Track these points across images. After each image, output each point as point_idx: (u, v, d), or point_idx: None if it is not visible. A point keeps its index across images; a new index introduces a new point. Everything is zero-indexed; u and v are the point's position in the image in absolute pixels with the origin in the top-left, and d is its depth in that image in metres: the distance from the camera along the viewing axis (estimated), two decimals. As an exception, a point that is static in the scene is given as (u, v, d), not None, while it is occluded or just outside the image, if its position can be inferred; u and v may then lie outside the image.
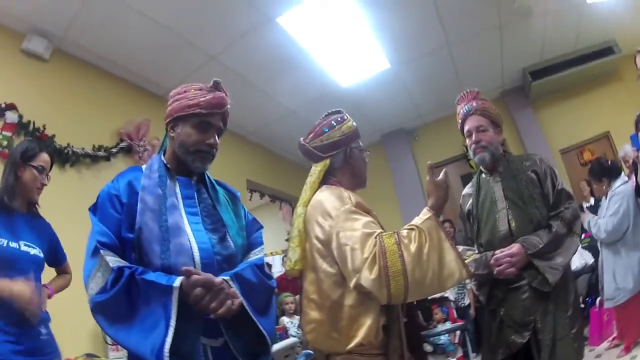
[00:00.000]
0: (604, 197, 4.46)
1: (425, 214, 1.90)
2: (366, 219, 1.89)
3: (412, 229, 1.83)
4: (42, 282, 2.74)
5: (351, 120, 2.33)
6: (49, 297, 2.75)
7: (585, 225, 4.22)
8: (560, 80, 7.25)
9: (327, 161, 2.22)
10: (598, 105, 7.47)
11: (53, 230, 2.82)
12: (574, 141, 7.77)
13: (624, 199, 4.06)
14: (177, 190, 1.81)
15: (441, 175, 2.01)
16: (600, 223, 4.11)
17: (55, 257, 2.84)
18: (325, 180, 2.22)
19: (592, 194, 6.21)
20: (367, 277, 1.72)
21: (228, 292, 1.58)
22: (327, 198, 2.02)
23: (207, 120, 1.82)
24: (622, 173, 4.38)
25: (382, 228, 1.94)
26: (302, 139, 2.31)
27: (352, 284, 1.79)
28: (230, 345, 1.64)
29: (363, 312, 1.83)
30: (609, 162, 4.57)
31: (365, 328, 1.81)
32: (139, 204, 1.68)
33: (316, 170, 2.22)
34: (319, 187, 2.18)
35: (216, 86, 1.89)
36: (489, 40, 6.27)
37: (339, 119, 2.30)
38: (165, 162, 1.85)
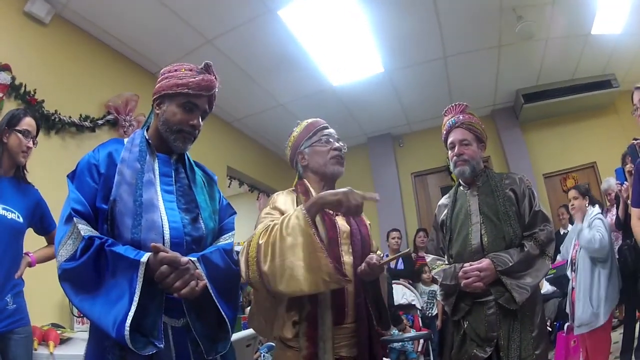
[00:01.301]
0: (576, 222, 4.49)
1: (296, 209, 1.84)
2: (270, 218, 1.95)
3: (273, 221, 1.85)
4: (26, 250, 2.76)
5: (299, 126, 2.37)
6: (30, 265, 2.76)
7: (582, 240, 4.18)
8: (553, 106, 7.29)
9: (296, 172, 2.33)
10: (588, 135, 7.54)
11: (41, 197, 2.84)
12: (559, 167, 7.83)
13: (605, 226, 4.09)
14: (156, 166, 1.81)
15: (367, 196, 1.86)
16: (595, 233, 4.10)
17: (42, 224, 2.86)
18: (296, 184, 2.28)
19: (570, 221, 6.26)
20: (241, 262, 1.80)
21: (193, 273, 1.58)
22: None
23: (193, 102, 1.82)
24: (597, 205, 4.42)
25: None
26: None
27: None
28: (191, 326, 1.65)
29: (273, 304, 1.96)
30: (589, 190, 4.63)
31: (278, 321, 1.93)
32: (116, 176, 1.68)
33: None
34: None
35: (207, 69, 1.88)
36: (487, 57, 6.30)
37: (289, 135, 2.39)
38: (147, 137, 1.85)
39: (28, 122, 2.71)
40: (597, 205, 4.35)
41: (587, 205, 4.36)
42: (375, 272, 1.96)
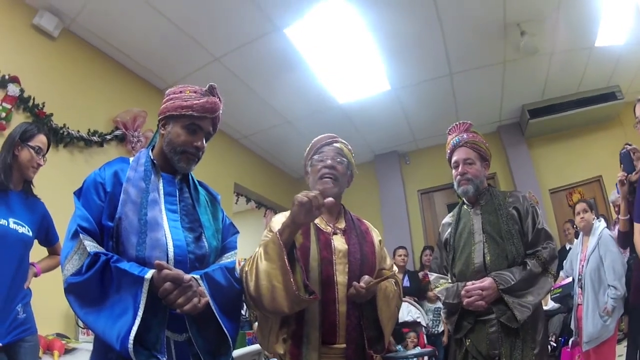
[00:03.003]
0: (581, 236, 4.49)
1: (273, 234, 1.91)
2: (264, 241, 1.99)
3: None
4: (31, 261, 2.80)
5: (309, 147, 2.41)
6: (36, 275, 2.82)
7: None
8: (559, 120, 7.28)
9: None
10: (593, 148, 7.48)
11: (46, 210, 2.89)
12: (565, 182, 7.78)
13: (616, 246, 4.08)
14: (160, 186, 1.84)
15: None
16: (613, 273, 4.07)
17: (47, 236, 2.91)
18: None
19: (575, 235, 6.24)
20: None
21: (196, 290, 1.61)
22: None
23: (197, 123, 1.85)
24: (602, 219, 4.42)
25: None
26: None
27: None
28: (193, 341, 1.67)
29: (266, 321, 2.00)
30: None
31: (272, 337, 1.96)
32: (122, 194, 1.71)
33: None
34: None
35: (211, 91, 1.91)
36: (492, 74, 6.31)
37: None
38: (152, 157, 1.89)
39: (41, 140, 2.77)
40: (602, 219, 4.36)
41: (593, 219, 4.37)
42: (361, 295, 1.96)
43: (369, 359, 2.02)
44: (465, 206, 2.84)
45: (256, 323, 5.12)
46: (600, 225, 4.26)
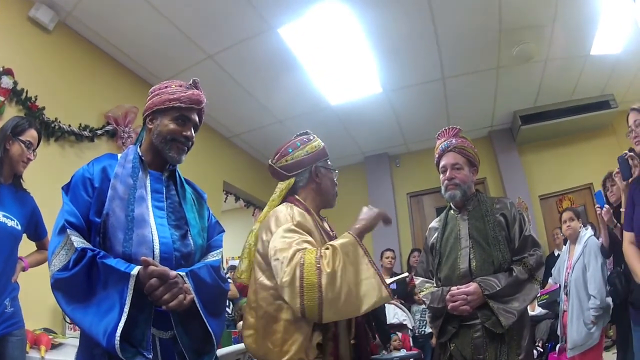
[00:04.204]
0: (568, 244, 4.52)
1: (346, 235, 1.90)
2: (301, 237, 1.90)
3: (331, 246, 1.83)
4: (19, 255, 2.80)
5: (318, 141, 2.36)
6: (24, 269, 2.82)
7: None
8: (551, 127, 7.32)
9: (292, 180, 2.26)
10: (585, 156, 7.52)
11: (36, 204, 2.89)
12: (555, 189, 7.82)
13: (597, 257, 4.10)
14: (148, 183, 1.86)
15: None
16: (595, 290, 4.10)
17: (36, 231, 2.91)
18: (288, 198, 2.26)
19: (564, 242, 6.26)
20: (285, 287, 1.74)
21: (181, 287, 1.64)
22: (274, 215, 2.06)
23: (185, 114, 1.90)
24: (589, 227, 4.45)
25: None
26: (270, 160, 2.34)
27: (283, 297, 1.83)
28: (178, 339, 1.68)
29: (297, 327, 1.86)
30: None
31: (297, 344, 1.84)
32: (109, 190, 1.72)
33: (279, 188, 2.27)
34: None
35: (195, 85, 1.97)
36: (485, 79, 6.35)
37: (305, 140, 2.33)
38: (140, 154, 1.90)
39: (32, 134, 2.78)
40: (589, 227, 4.38)
41: (580, 227, 4.39)
42: None
43: (373, 351, 2.06)
44: (452, 211, 2.85)
45: (240, 323, 5.11)
46: (586, 233, 4.28)
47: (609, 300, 3.96)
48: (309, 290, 1.69)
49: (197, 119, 1.97)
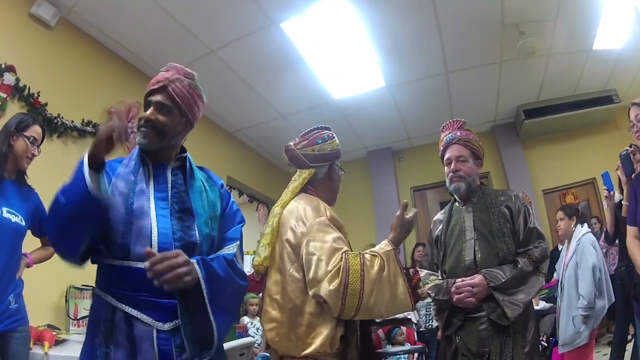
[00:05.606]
0: (566, 242, 4.51)
1: (386, 245, 1.98)
2: (337, 234, 1.95)
3: (374, 255, 1.90)
4: (24, 251, 2.80)
5: (337, 140, 2.39)
6: (28, 266, 2.82)
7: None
8: (554, 122, 7.31)
9: (313, 171, 2.29)
10: (588, 151, 7.52)
11: (40, 200, 2.88)
12: (559, 183, 7.83)
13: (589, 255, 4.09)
14: (150, 175, 1.86)
15: (410, 214, 2.09)
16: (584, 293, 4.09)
17: (40, 227, 2.89)
18: (304, 189, 2.27)
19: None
20: (327, 287, 1.78)
21: (180, 263, 1.60)
22: (304, 206, 2.07)
23: (147, 99, 1.91)
24: (586, 223, 4.43)
25: (350, 247, 2.00)
26: (291, 143, 2.36)
27: (311, 292, 1.86)
28: (181, 329, 1.65)
29: (322, 320, 1.89)
30: (579, 210, 4.64)
31: (322, 336, 1.87)
32: (109, 188, 1.71)
33: (301, 176, 2.28)
34: (298, 194, 2.24)
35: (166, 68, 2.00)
36: (488, 73, 6.33)
37: (331, 135, 2.36)
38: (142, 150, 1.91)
39: (36, 130, 2.80)
40: (585, 225, 4.36)
41: (573, 225, 4.37)
42: None
43: (377, 347, 2.11)
44: (457, 203, 2.85)
45: (243, 318, 5.12)
46: (581, 231, 4.26)
47: (600, 303, 3.95)
48: (351, 296, 1.80)
49: (159, 98, 1.89)
